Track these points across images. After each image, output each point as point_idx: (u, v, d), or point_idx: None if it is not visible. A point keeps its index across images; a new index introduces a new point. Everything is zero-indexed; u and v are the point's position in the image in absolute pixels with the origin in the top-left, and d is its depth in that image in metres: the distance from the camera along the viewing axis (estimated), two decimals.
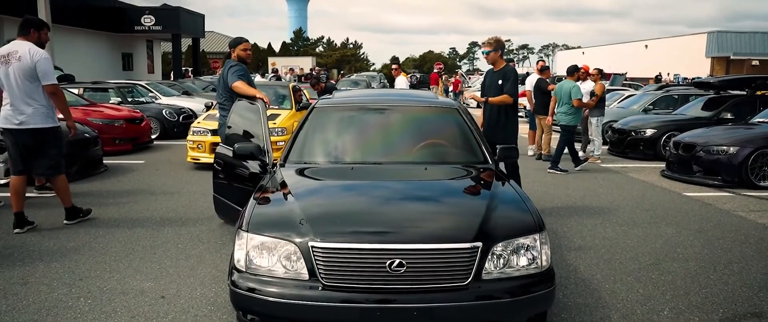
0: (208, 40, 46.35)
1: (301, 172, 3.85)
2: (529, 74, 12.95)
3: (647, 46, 50.01)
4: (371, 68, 64.73)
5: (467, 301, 2.76)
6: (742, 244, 5.30)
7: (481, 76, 23.23)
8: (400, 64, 15.62)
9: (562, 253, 4.91)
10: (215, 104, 9.61)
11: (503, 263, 2.90)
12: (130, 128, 10.73)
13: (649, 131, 10.64)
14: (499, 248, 2.89)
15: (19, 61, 5.08)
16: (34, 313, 3.62)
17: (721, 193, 7.65)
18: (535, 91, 10.65)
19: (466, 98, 27.04)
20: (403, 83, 14.28)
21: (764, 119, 8.96)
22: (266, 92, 6.79)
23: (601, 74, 10.92)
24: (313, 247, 2.82)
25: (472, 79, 37.90)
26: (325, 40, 72.97)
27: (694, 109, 11.39)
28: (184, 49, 37.52)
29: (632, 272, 4.46)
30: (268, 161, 4.21)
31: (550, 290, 2.96)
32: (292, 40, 67.26)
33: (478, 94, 6.53)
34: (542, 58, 62.72)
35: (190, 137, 9.11)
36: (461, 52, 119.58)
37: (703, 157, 8.25)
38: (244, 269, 2.92)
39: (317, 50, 67.30)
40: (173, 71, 29.62)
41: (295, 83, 13.97)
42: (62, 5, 18.18)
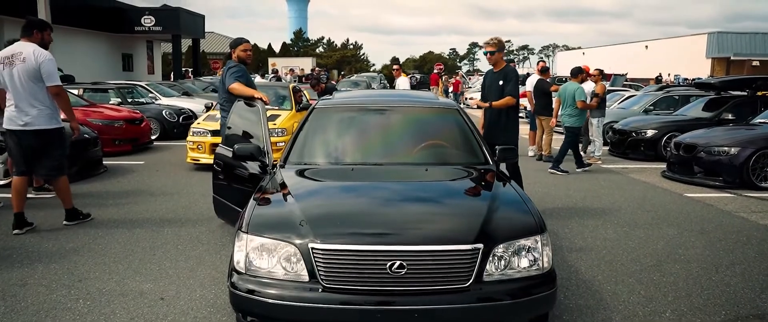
0: (208, 40, 46.41)
1: (301, 173, 3.83)
2: (529, 75, 12.93)
3: (647, 46, 49.96)
4: (371, 69, 64.79)
5: (468, 303, 2.75)
6: (744, 245, 5.28)
7: (481, 76, 23.19)
8: (401, 65, 15.63)
9: (563, 254, 4.89)
10: (215, 105, 9.62)
11: (504, 265, 2.88)
12: (129, 129, 10.73)
13: (649, 132, 10.62)
14: (500, 250, 2.88)
15: (23, 62, 5.08)
16: (32, 315, 3.60)
17: (722, 194, 7.63)
18: (535, 91, 10.63)
19: (465, 99, 27.08)
20: (404, 84, 14.26)
21: (765, 120, 8.94)
22: (266, 93, 6.78)
23: (601, 75, 10.91)
24: (313, 248, 2.80)
25: (472, 79, 37.92)
26: (325, 40, 73.11)
27: (694, 109, 11.38)
28: (184, 49, 37.55)
29: (634, 274, 4.44)
30: (268, 162, 4.20)
31: (551, 292, 2.94)
32: (292, 40, 67.32)
33: (478, 96, 6.51)
34: (542, 58, 62.63)
35: (190, 138, 9.10)
36: (461, 52, 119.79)
37: (704, 157, 8.23)
38: (243, 271, 2.91)
39: (317, 51, 67.41)
40: (173, 72, 29.63)
41: (295, 84, 13.97)
42: (62, 6, 18.17)
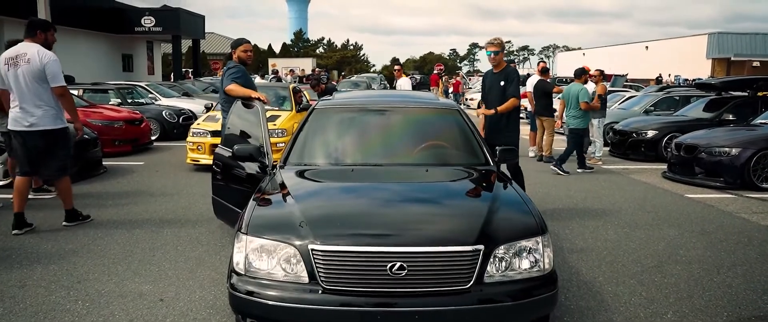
0: (208, 41, 46.38)
1: (301, 173, 3.82)
2: (529, 75, 12.92)
3: (648, 47, 49.95)
4: (371, 70, 64.80)
5: (469, 304, 2.73)
6: (745, 246, 5.26)
7: (481, 77, 23.20)
8: (402, 65, 15.63)
9: (564, 255, 4.88)
10: (215, 105, 9.60)
11: (505, 266, 2.87)
12: (129, 130, 10.72)
13: (650, 133, 10.61)
14: (501, 251, 2.86)
15: (28, 63, 5.07)
16: (31, 316, 3.58)
17: (723, 194, 7.62)
18: (535, 92, 10.61)
19: (466, 100, 27.05)
20: (406, 85, 14.23)
21: (766, 120, 8.93)
22: (266, 94, 6.77)
23: (602, 75, 10.90)
24: (313, 250, 2.78)
25: (472, 80, 37.88)
26: (325, 41, 73.09)
27: (695, 110, 11.37)
28: (184, 50, 37.54)
29: (635, 275, 4.43)
30: (267, 163, 4.18)
31: (552, 294, 2.93)
32: (292, 41, 67.34)
33: (478, 96, 6.48)
34: (543, 59, 62.58)
35: (189, 139, 9.08)
36: (462, 53, 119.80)
37: (705, 158, 8.22)
38: (243, 272, 2.89)
39: (318, 51, 67.40)
40: (173, 72, 29.63)
41: (295, 84, 13.95)
42: (62, 6, 18.15)
